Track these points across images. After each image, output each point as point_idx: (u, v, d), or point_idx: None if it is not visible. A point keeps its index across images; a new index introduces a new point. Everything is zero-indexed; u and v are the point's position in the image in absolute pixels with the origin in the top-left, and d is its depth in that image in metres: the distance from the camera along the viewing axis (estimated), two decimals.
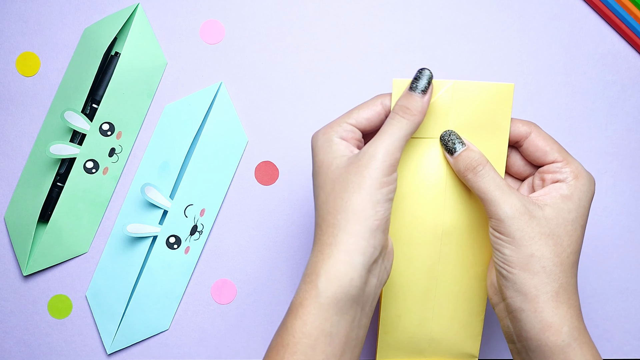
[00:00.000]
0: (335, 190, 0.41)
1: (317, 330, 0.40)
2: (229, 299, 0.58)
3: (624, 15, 0.56)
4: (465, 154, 0.43)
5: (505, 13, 0.57)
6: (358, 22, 0.57)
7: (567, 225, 0.42)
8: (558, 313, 0.41)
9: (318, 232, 0.42)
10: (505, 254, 0.41)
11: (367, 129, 0.44)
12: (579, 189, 0.42)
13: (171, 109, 0.58)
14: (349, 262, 0.40)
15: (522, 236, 0.41)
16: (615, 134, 0.58)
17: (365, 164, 0.40)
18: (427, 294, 0.46)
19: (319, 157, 0.42)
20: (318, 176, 0.42)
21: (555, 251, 0.41)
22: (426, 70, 0.42)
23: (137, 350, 0.59)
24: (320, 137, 0.43)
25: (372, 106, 0.43)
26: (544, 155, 0.43)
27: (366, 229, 0.40)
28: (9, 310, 0.59)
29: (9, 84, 0.58)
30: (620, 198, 0.58)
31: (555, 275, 0.41)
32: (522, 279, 0.41)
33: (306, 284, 0.41)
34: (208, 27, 0.58)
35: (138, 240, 0.58)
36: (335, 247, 0.40)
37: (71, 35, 0.58)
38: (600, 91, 0.58)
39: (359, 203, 0.40)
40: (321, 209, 0.42)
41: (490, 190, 0.42)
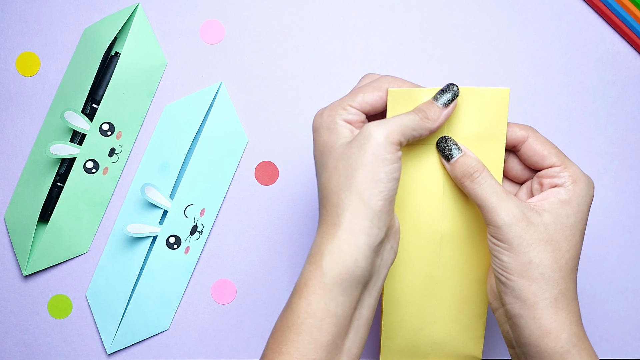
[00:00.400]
0: (339, 168, 0.40)
1: (322, 311, 0.39)
2: (229, 299, 0.58)
3: (624, 15, 0.56)
4: (462, 160, 0.43)
5: (505, 13, 0.57)
6: (358, 22, 0.57)
7: (566, 231, 0.41)
8: (557, 319, 0.41)
9: (322, 212, 0.41)
10: (503, 260, 0.41)
11: (370, 113, 0.43)
12: (578, 194, 0.42)
13: (171, 109, 0.58)
14: (353, 242, 0.39)
15: (519, 243, 0.40)
16: (615, 134, 0.58)
17: (367, 136, 0.39)
18: (428, 299, 0.46)
19: (323, 138, 0.42)
20: (321, 156, 0.42)
21: (553, 257, 0.41)
22: (454, 86, 0.42)
23: (137, 350, 0.59)
24: (324, 119, 0.42)
25: (377, 91, 0.43)
26: (542, 159, 0.43)
27: (369, 210, 0.39)
28: (9, 310, 0.59)
29: (9, 84, 0.58)
30: (620, 198, 0.58)
31: (554, 281, 0.41)
32: (521, 285, 0.41)
33: (311, 264, 0.40)
34: (208, 27, 0.58)
35: (138, 240, 0.58)
36: (339, 227, 0.39)
37: (71, 35, 0.58)
38: (600, 91, 0.58)
39: (362, 182, 0.39)
40: (325, 189, 0.41)
41: (488, 197, 0.41)
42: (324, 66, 0.58)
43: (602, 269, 0.58)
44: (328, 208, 0.40)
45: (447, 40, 0.57)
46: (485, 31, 0.57)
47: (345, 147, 0.40)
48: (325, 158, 0.41)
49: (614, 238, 0.58)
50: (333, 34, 0.57)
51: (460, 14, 0.57)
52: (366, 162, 0.39)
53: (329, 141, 0.42)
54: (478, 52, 0.57)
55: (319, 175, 0.42)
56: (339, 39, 0.57)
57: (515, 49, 0.57)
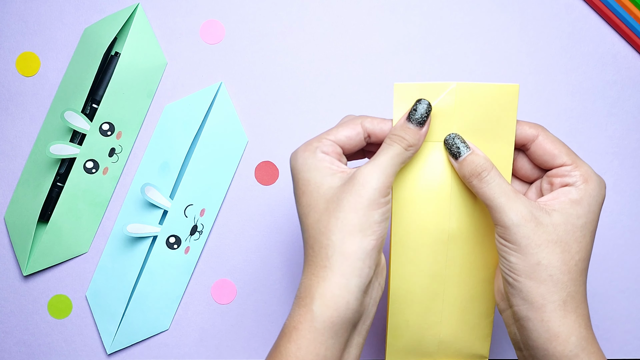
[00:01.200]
0: (329, 210, 0.40)
1: (311, 355, 0.39)
2: (229, 299, 0.58)
3: (624, 15, 0.56)
4: (470, 158, 0.42)
5: (505, 13, 0.57)
6: (358, 22, 0.57)
7: (576, 232, 0.40)
8: (565, 322, 0.40)
9: (310, 253, 0.40)
10: (511, 261, 0.40)
11: (347, 147, 0.43)
12: (589, 194, 0.41)
13: (171, 109, 0.58)
14: (344, 285, 0.39)
15: (528, 244, 0.40)
16: (615, 134, 0.58)
17: (363, 183, 0.39)
18: (434, 299, 0.46)
19: (304, 175, 0.41)
20: (305, 195, 0.41)
21: (563, 259, 0.40)
22: (424, 101, 0.42)
23: (137, 350, 0.59)
24: (301, 155, 0.42)
25: (352, 125, 0.43)
26: (553, 158, 0.42)
27: (362, 250, 0.39)
28: (9, 310, 0.59)
29: (9, 84, 0.58)
30: (620, 198, 0.58)
31: (563, 283, 0.40)
32: (529, 287, 0.40)
33: (300, 307, 0.40)
34: (208, 27, 0.58)
35: (138, 240, 0.58)
36: (330, 269, 0.39)
37: (71, 35, 0.58)
38: (600, 91, 0.58)
39: (356, 224, 0.39)
40: (312, 229, 0.40)
41: (496, 196, 0.41)
42: (324, 66, 0.58)
43: (602, 269, 0.58)
44: (316, 249, 0.40)
45: (447, 41, 0.57)
46: (485, 31, 0.57)
47: (337, 190, 0.40)
48: (311, 198, 0.41)
49: (614, 238, 0.58)
50: (333, 34, 0.57)
51: (461, 14, 0.57)
52: (362, 207, 0.39)
53: (312, 180, 0.41)
54: (478, 52, 0.57)
55: (304, 215, 0.41)
56: (339, 39, 0.57)
57: (515, 49, 0.57)
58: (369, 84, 0.57)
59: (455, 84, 0.42)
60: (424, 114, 0.42)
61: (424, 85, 0.42)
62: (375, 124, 0.43)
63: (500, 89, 0.42)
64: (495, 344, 0.59)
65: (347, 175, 0.41)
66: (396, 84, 0.42)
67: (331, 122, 0.58)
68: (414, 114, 0.42)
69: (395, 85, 0.42)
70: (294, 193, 0.43)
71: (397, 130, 0.42)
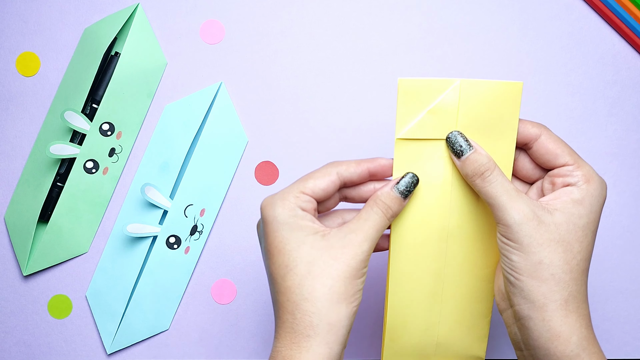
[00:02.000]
0: (313, 274, 0.39)
1: None
2: (229, 299, 0.58)
3: (624, 15, 0.56)
4: (473, 157, 0.42)
5: (505, 13, 0.57)
6: (358, 22, 0.57)
7: (578, 231, 0.40)
8: (567, 322, 0.40)
9: (288, 319, 0.40)
10: (512, 260, 0.40)
11: (322, 199, 0.42)
12: (591, 194, 0.41)
13: (171, 109, 0.58)
14: (328, 354, 0.39)
15: (530, 242, 0.40)
16: (615, 134, 0.58)
17: (351, 253, 0.40)
18: (433, 298, 0.45)
19: (283, 234, 0.40)
20: (282, 254, 0.40)
21: (564, 258, 0.40)
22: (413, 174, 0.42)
23: (137, 350, 0.59)
24: (279, 211, 0.41)
25: (328, 176, 0.42)
26: (555, 158, 0.42)
27: (347, 318, 0.39)
28: (9, 310, 0.59)
29: (9, 84, 0.58)
30: (620, 198, 0.58)
31: (565, 283, 0.40)
32: (530, 286, 0.40)
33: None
34: (208, 27, 0.58)
35: (138, 240, 0.58)
36: (314, 339, 0.39)
37: (71, 35, 0.58)
38: (600, 91, 0.58)
39: (343, 292, 0.39)
40: (292, 293, 0.40)
41: (498, 195, 0.40)
42: (323, 66, 0.58)
43: (602, 269, 0.58)
44: (297, 316, 0.39)
45: (447, 41, 0.57)
46: (486, 31, 0.57)
47: (319, 253, 0.40)
48: (289, 259, 0.40)
49: (614, 238, 0.58)
50: (333, 34, 0.57)
51: (461, 14, 0.57)
52: (349, 276, 0.40)
53: (291, 239, 0.40)
54: (478, 52, 0.57)
55: (279, 277, 0.40)
56: (339, 39, 0.57)
57: (515, 49, 0.57)
58: (369, 84, 0.57)
59: (459, 81, 0.42)
60: (411, 187, 0.42)
61: (429, 81, 0.42)
62: (352, 170, 0.43)
63: (504, 86, 0.42)
64: (495, 344, 0.59)
65: (329, 238, 0.40)
66: (400, 79, 0.42)
67: (331, 121, 0.58)
68: (403, 184, 0.42)
69: (400, 80, 0.42)
70: (266, 249, 0.41)
71: (385, 197, 0.42)
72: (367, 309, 0.58)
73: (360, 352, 0.58)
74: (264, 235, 0.41)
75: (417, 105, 0.42)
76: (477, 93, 0.42)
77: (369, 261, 0.41)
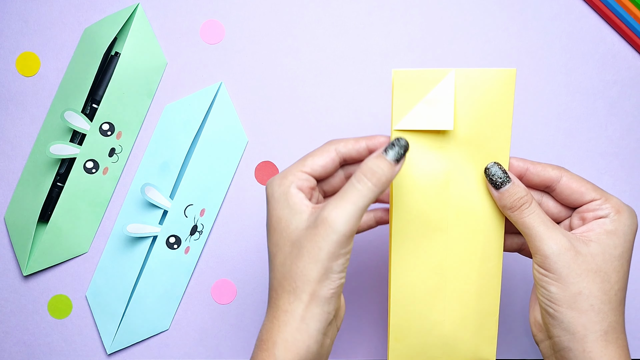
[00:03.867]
0: (292, 255, 0.40)
1: None
2: (229, 299, 0.58)
3: (624, 15, 0.56)
4: (512, 190, 0.42)
5: (505, 13, 0.57)
6: (358, 22, 0.57)
7: (614, 261, 0.41)
8: (607, 354, 0.40)
9: (273, 295, 0.41)
10: (551, 291, 0.41)
11: (322, 176, 0.43)
12: (623, 223, 0.41)
13: (171, 109, 0.58)
14: (305, 330, 0.40)
15: (568, 273, 0.40)
16: (615, 134, 0.58)
17: (323, 234, 0.39)
18: (436, 294, 0.45)
19: (277, 212, 0.41)
20: (275, 233, 0.41)
21: (603, 289, 0.40)
22: (403, 140, 0.40)
23: (137, 350, 0.59)
24: (276, 189, 0.42)
25: (326, 153, 0.43)
26: (581, 196, 0.42)
27: (321, 298, 0.40)
28: (9, 310, 0.59)
29: (9, 84, 0.58)
30: (620, 198, 0.58)
31: (604, 313, 0.40)
32: (570, 317, 0.40)
33: (263, 351, 0.40)
34: (208, 27, 0.58)
35: (138, 240, 0.58)
36: (291, 314, 0.40)
37: (71, 35, 0.58)
38: (600, 91, 0.58)
39: (314, 275, 0.39)
40: (277, 272, 0.41)
41: (535, 225, 0.41)
42: (323, 66, 0.58)
43: None
44: (279, 292, 0.40)
45: (446, 40, 0.57)
46: (485, 31, 0.57)
47: (301, 232, 0.40)
48: (280, 237, 0.41)
49: None
50: (333, 34, 0.57)
51: (460, 14, 0.57)
52: (319, 259, 0.39)
53: (282, 217, 0.41)
54: (478, 52, 0.57)
55: (272, 255, 0.42)
56: (339, 38, 0.57)
57: (515, 48, 0.57)
58: (369, 84, 0.57)
59: (453, 70, 0.42)
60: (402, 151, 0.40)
61: (423, 72, 0.42)
62: (349, 146, 0.43)
63: (498, 73, 0.43)
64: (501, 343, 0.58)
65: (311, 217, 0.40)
66: (395, 70, 0.42)
67: (331, 122, 0.58)
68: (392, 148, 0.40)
69: (394, 71, 0.42)
70: (266, 227, 0.43)
71: (371, 161, 0.40)
72: (371, 308, 0.58)
73: (364, 352, 0.58)
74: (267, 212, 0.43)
75: (413, 96, 0.42)
76: (471, 82, 0.42)
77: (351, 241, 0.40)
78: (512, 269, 0.58)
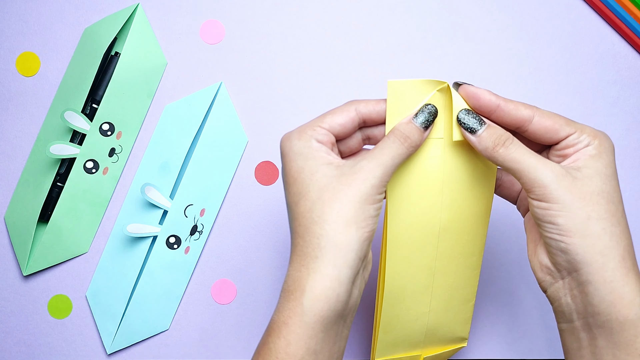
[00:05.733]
0: (323, 199, 0.39)
1: (302, 350, 0.38)
2: (229, 299, 0.59)
3: (624, 15, 0.56)
4: (491, 130, 0.41)
5: (505, 13, 0.57)
6: (358, 22, 0.57)
7: (612, 180, 0.39)
8: (628, 282, 0.37)
9: (299, 243, 0.40)
10: (559, 224, 0.38)
11: (340, 134, 0.42)
12: (604, 145, 0.40)
13: (171, 109, 0.58)
14: (336, 277, 0.38)
15: (572, 198, 0.38)
16: (615, 134, 0.58)
17: (362, 178, 0.39)
18: (424, 290, 0.46)
19: (298, 163, 0.40)
20: (297, 183, 0.40)
21: (609, 210, 0.38)
22: (432, 106, 0.42)
23: (137, 350, 0.59)
24: (295, 142, 0.41)
25: (346, 112, 0.42)
26: (556, 133, 0.41)
27: (356, 241, 0.39)
28: (9, 310, 0.59)
29: (9, 84, 0.58)
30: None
31: (618, 237, 0.38)
32: (585, 246, 0.37)
33: (289, 301, 0.39)
34: (208, 27, 0.58)
35: (138, 240, 0.58)
36: (321, 260, 0.38)
37: (71, 35, 0.58)
38: (600, 91, 0.58)
39: (352, 215, 0.39)
40: (304, 217, 0.39)
41: (525, 158, 0.39)
42: (323, 66, 0.58)
43: None
44: (307, 238, 0.39)
45: (447, 40, 0.57)
46: (485, 31, 0.57)
47: (332, 179, 0.40)
48: (302, 186, 0.40)
49: None
50: (333, 34, 0.57)
51: (460, 14, 0.57)
52: (359, 200, 0.39)
53: (305, 167, 0.40)
54: (478, 52, 0.57)
55: (294, 203, 0.40)
56: (339, 39, 0.57)
57: (515, 49, 0.57)
58: (369, 84, 0.57)
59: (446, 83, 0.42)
60: (431, 117, 0.41)
61: (417, 82, 0.42)
62: (370, 107, 0.42)
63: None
64: (496, 343, 0.59)
65: (342, 167, 0.40)
66: (390, 81, 0.42)
67: None
68: (422, 115, 0.41)
69: (389, 82, 0.42)
70: (284, 180, 0.42)
71: (403, 127, 0.41)
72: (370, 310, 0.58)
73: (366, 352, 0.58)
74: (282, 167, 0.42)
75: (405, 106, 0.42)
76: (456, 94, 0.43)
77: (383, 189, 0.40)
78: (512, 270, 0.58)
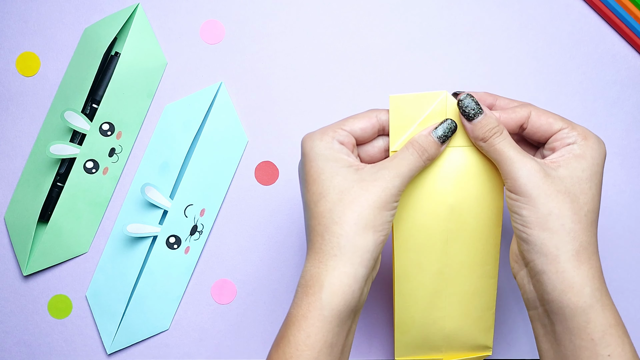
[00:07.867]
0: (344, 202, 0.41)
1: (320, 342, 0.41)
2: (229, 299, 0.59)
3: (624, 15, 0.56)
4: (485, 121, 0.43)
5: (505, 13, 0.57)
6: (358, 22, 0.57)
7: (582, 184, 0.41)
8: (579, 273, 0.40)
9: (318, 241, 0.42)
10: (523, 215, 0.41)
11: (361, 138, 0.44)
12: (591, 147, 0.42)
13: (171, 109, 0.58)
14: (353, 274, 0.41)
15: (538, 194, 0.41)
16: (615, 134, 0.58)
17: (382, 186, 0.41)
18: (437, 295, 0.48)
19: (319, 164, 0.43)
20: (317, 183, 0.42)
21: (572, 208, 0.41)
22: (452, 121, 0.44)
23: (137, 350, 0.59)
24: (317, 143, 0.43)
25: (367, 118, 0.44)
26: (550, 127, 0.43)
27: (373, 244, 0.41)
28: (9, 310, 0.59)
29: (9, 84, 0.58)
30: (620, 198, 0.58)
31: (575, 233, 0.41)
32: (542, 239, 0.41)
33: (308, 295, 0.41)
34: (208, 27, 0.58)
35: (138, 240, 0.58)
36: (340, 258, 0.41)
37: (71, 35, 0.58)
38: (600, 91, 0.58)
39: (371, 220, 0.41)
40: (323, 217, 0.42)
41: (506, 150, 0.42)
42: (324, 66, 0.58)
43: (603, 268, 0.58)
44: (326, 237, 0.41)
45: (447, 41, 0.57)
46: (485, 31, 0.57)
47: (352, 183, 0.42)
48: (322, 187, 0.42)
49: (614, 238, 0.58)
50: (333, 34, 0.57)
51: (460, 14, 0.57)
52: (378, 206, 0.41)
53: (326, 168, 0.42)
54: (478, 52, 0.57)
55: (313, 203, 0.43)
56: (339, 39, 0.57)
57: (515, 49, 0.57)
58: (369, 84, 0.57)
59: (445, 93, 0.44)
60: (449, 132, 0.44)
61: (417, 96, 0.44)
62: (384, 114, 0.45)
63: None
64: (501, 343, 0.59)
65: (361, 171, 0.42)
66: (391, 96, 0.44)
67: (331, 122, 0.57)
68: (441, 128, 0.44)
69: (390, 97, 0.44)
70: (304, 179, 0.44)
71: (422, 139, 0.44)
72: (376, 309, 0.58)
73: (373, 351, 0.58)
74: (302, 166, 0.44)
75: (408, 119, 0.44)
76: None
77: (399, 197, 0.42)
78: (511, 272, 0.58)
